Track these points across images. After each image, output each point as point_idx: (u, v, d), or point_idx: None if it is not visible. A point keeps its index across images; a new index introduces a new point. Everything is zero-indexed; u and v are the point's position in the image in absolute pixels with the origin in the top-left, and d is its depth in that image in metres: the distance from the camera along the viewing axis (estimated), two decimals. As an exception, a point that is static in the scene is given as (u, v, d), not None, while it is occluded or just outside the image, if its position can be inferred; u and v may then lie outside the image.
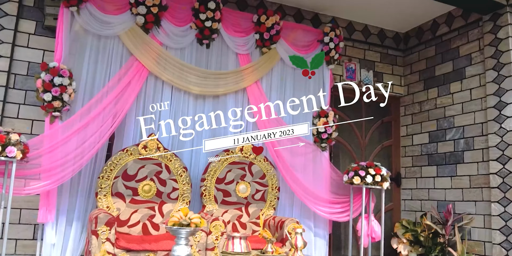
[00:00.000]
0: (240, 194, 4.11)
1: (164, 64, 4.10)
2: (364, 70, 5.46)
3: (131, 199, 3.73)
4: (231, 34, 4.40)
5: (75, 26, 3.91)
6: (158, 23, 4.12)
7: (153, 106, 3.73)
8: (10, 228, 3.74)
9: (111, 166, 3.71)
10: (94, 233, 3.15)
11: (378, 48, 5.56)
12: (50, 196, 3.59)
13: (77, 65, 3.87)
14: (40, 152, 3.52)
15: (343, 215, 4.45)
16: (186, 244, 2.75)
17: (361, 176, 4.25)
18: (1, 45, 3.93)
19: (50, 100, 3.65)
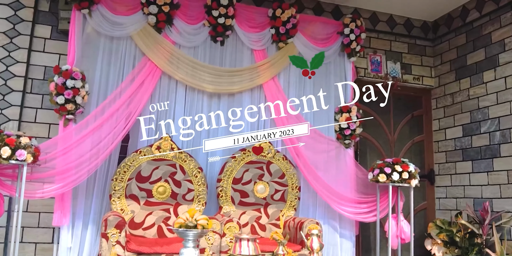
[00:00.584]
0: (258, 194, 3.96)
1: (177, 63, 4.02)
2: (390, 62, 5.19)
3: (145, 201, 3.66)
4: (246, 30, 4.27)
5: (87, 29, 3.89)
6: (170, 22, 4.05)
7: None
8: (29, 231, 3.79)
9: (125, 168, 3.66)
10: (104, 236, 3.09)
11: (405, 39, 5.28)
12: (65, 199, 3.58)
13: (90, 67, 3.86)
14: (54, 154, 3.52)
15: (369, 215, 4.21)
16: (194, 247, 2.64)
17: (387, 173, 4.00)
18: (18, 50, 3.99)
19: (63, 103, 3.64)
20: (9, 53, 3.96)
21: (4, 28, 3.97)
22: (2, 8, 4.00)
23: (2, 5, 4.01)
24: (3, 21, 3.98)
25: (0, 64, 3.93)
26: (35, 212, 3.83)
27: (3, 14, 3.99)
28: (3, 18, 3.98)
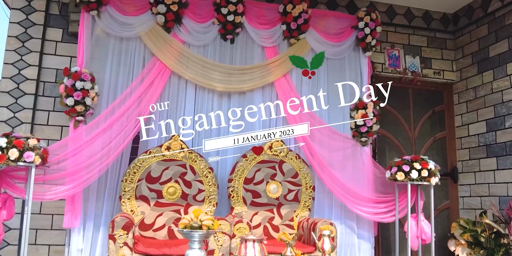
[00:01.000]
0: (270, 194, 3.86)
1: (187, 62, 3.98)
2: (409, 56, 5.01)
3: (155, 202, 3.62)
4: (256, 26, 4.19)
5: (97, 30, 3.89)
6: (179, 21, 4.01)
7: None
8: (43, 233, 3.81)
9: (134, 169, 3.63)
10: (111, 238, 3.06)
11: (424, 32, 5.08)
12: (76, 201, 3.57)
13: (100, 68, 3.86)
14: (65, 155, 3.52)
15: (388, 216, 4.05)
16: (200, 248, 2.57)
17: (405, 171, 3.84)
18: (30, 54, 4.02)
19: (73, 105, 3.65)
20: (21, 56, 4.00)
21: (16, 32, 4.01)
22: (14, 13, 4.05)
23: (14, 10, 4.06)
24: (15, 26, 4.02)
25: (13, 67, 3.97)
26: (48, 214, 3.85)
27: (15, 18, 4.03)
28: (15, 22, 4.03)
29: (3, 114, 3.90)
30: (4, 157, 3.03)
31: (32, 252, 3.76)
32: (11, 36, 4.01)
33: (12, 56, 3.98)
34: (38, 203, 3.82)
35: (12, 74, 3.96)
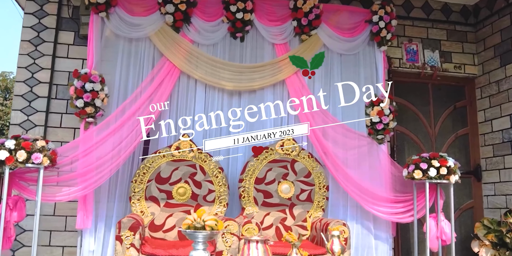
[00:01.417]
0: (282, 194, 3.77)
1: (196, 62, 3.94)
2: (428, 50, 4.83)
3: (165, 203, 3.59)
4: (266, 24, 4.11)
5: (106, 32, 3.91)
6: (188, 20, 3.98)
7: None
8: (57, 235, 3.84)
9: (144, 170, 3.61)
10: (118, 239, 3.04)
11: (444, 25, 4.89)
12: (87, 202, 3.58)
13: (110, 70, 3.87)
14: (76, 156, 3.53)
15: (406, 216, 3.90)
16: (204, 249, 2.51)
17: (423, 169, 3.69)
18: (42, 57, 4.07)
19: (83, 106, 3.66)
20: (34, 60, 4.05)
21: (29, 36, 4.07)
22: (27, 17, 4.10)
23: (27, 15, 4.12)
24: (28, 30, 4.08)
25: (26, 71, 4.02)
26: (62, 216, 3.87)
27: (28, 23, 4.09)
28: (28, 26, 4.08)
29: (17, 117, 3.95)
30: (13, 159, 3.05)
31: (46, 253, 3.80)
32: (24, 40, 4.06)
33: (26, 60, 4.04)
34: (52, 205, 3.85)
35: (25, 77, 4.01)
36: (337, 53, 4.27)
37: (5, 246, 3.18)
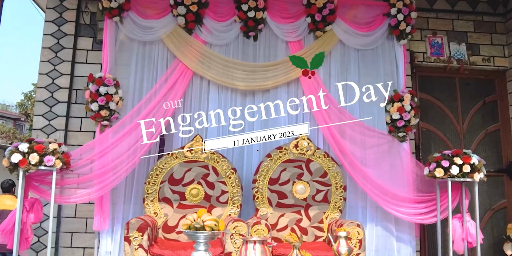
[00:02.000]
0: (297, 195, 3.68)
1: (208, 63, 3.93)
2: (454, 43, 4.61)
3: (178, 204, 3.59)
4: (278, 21, 4.05)
5: (120, 36, 3.98)
6: (200, 21, 3.98)
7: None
8: (78, 237, 3.91)
9: (157, 171, 3.62)
10: (126, 240, 3.06)
11: (470, 16, 4.65)
12: (104, 204, 3.64)
13: (125, 73, 3.93)
14: (92, 157, 3.60)
15: (429, 216, 3.71)
16: (206, 250, 2.47)
17: (444, 167, 3.49)
18: (62, 63, 4.17)
19: (98, 110, 3.73)
20: (54, 66, 4.16)
21: (49, 43, 4.19)
22: (48, 25, 4.23)
23: (47, 23, 4.24)
24: (48, 37, 4.20)
25: (47, 77, 4.14)
26: (83, 218, 3.93)
27: (48, 30, 4.21)
28: (48, 34, 4.20)
29: (39, 122, 4.08)
30: (26, 161, 3.14)
31: (68, 254, 3.88)
32: (45, 48, 4.19)
33: (46, 66, 4.16)
34: (73, 207, 3.93)
35: (46, 83, 4.13)
36: (354, 49, 4.14)
37: (23, 247, 3.28)
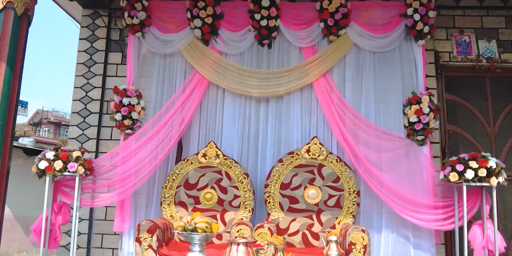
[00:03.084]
0: (309, 200, 3.70)
1: (223, 72, 4.08)
2: (483, 41, 4.39)
3: (193, 208, 3.75)
4: (291, 28, 4.11)
5: (143, 50, 4.26)
6: (215, 32, 4.15)
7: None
8: (108, 238, 4.21)
9: (173, 176, 3.82)
10: (137, 240, 3.26)
11: (501, 11, 4.42)
12: (125, 207, 3.90)
13: (147, 84, 4.20)
14: (115, 162, 3.87)
15: (447, 222, 3.57)
16: (201, 251, 2.60)
17: (459, 171, 3.35)
18: (94, 77, 4.52)
19: (121, 119, 4.02)
20: (88, 80, 4.52)
21: (83, 59, 4.56)
22: (82, 42, 4.61)
23: (81, 40, 4.62)
24: (82, 53, 4.58)
25: (81, 90, 4.51)
26: (111, 220, 4.19)
27: (82, 47, 4.59)
28: (82, 51, 4.58)
29: (74, 132, 4.44)
30: (51, 168, 3.46)
31: (98, 254, 4.18)
32: (79, 63, 4.57)
33: (81, 80, 4.53)
34: (103, 210, 4.23)
35: (80, 96, 4.49)
36: (370, 52, 4.09)
37: (52, 246, 3.60)
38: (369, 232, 3.22)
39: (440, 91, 4.32)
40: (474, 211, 3.48)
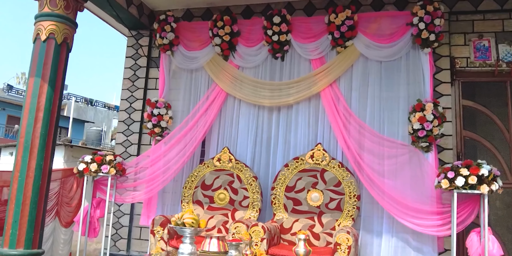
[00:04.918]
0: (311, 202, 3.95)
1: (240, 84, 4.48)
2: (503, 45, 4.30)
3: (208, 206, 4.19)
4: (301, 41, 4.39)
5: (172, 66, 4.83)
6: (233, 48, 4.58)
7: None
8: (145, 231, 4.79)
9: (192, 178, 4.30)
10: (152, 233, 3.78)
11: (524, 13, 4.28)
12: (151, 204, 4.46)
13: (176, 96, 4.77)
14: (145, 164, 4.46)
15: (444, 228, 3.59)
16: (191, 243, 3.03)
17: (449, 178, 3.41)
18: (137, 90, 5.18)
19: (152, 127, 4.61)
20: (132, 93, 5.19)
21: (128, 75, 5.24)
22: (128, 60, 5.29)
23: (127, 58, 5.30)
24: (128, 70, 5.26)
25: (126, 102, 5.18)
26: (147, 216, 4.82)
27: (128, 64, 5.27)
28: (127, 67, 5.26)
29: (120, 138, 5.13)
30: (88, 169, 4.12)
31: (138, 245, 4.80)
32: (125, 78, 5.25)
33: (126, 93, 5.21)
34: (141, 206, 4.85)
35: (125, 107, 5.17)
36: (376, 61, 4.22)
37: (91, 235, 4.25)
38: (370, 236, 3.41)
39: (456, 97, 4.30)
40: (472, 218, 3.48)
